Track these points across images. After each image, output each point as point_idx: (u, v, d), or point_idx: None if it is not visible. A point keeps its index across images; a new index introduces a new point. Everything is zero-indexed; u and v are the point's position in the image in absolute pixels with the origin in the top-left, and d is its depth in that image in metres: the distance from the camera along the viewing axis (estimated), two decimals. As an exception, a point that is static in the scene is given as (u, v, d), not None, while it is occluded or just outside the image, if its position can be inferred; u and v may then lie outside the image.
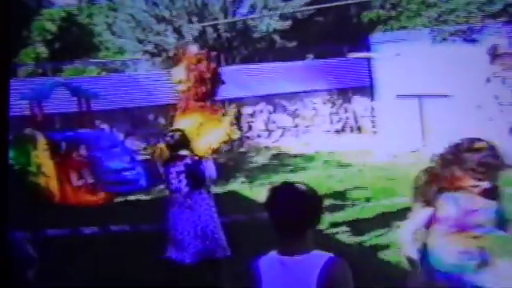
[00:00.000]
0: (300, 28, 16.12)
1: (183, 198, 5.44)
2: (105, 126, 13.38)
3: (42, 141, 10.21)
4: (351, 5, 15.84)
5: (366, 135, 15.47)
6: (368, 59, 15.01)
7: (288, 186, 2.54)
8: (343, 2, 11.47)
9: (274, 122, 15.33)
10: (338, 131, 15.78)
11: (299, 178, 7.15)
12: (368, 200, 9.15)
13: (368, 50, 14.78)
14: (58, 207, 9.48)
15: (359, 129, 15.94)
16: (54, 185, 9.86)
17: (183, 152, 5.52)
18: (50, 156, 9.98)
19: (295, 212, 2.45)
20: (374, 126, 15.46)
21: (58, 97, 11.86)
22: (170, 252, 5.47)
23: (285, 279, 2.47)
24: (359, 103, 15.90)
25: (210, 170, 5.51)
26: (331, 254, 2.47)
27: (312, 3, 15.95)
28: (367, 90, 15.42)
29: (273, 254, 2.54)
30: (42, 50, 19.56)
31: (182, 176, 5.43)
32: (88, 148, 10.14)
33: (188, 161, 5.47)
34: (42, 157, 10.14)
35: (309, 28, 16.37)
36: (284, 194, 2.51)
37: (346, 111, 15.97)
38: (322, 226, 2.55)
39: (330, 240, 6.79)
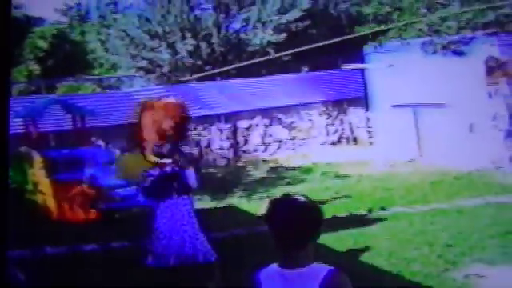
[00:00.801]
0: (294, 41, 16.15)
1: (164, 204, 5.55)
2: (100, 143, 13.34)
3: (37, 159, 10.18)
4: (345, 18, 15.92)
5: (362, 146, 15.49)
6: (362, 70, 15.07)
7: (288, 199, 2.52)
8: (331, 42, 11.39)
9: (271, 136, 15.32)
10: (334, 143, 15.79)
11: (297, 191, 7.14)
12: (368, 210, 9.13)
13: (362, 61, 14.84)
14: (56, 225, 9.43)
15: (355, 139, 15.96)
16: (50, 202, 9.83)
17: (165, 160, 5.59)
18: (46, 174, 9.95)
19: (295, 225, 2.43)
20: (370, 137, 15.49)
21: (53, 114, 11.84)
22: (147, 260, 5.60)
23: (286, 292, 2.46)
24: (355, 114, 15.93)
25: (191, 178, 5.58)
26: (331, 267, 2.46)
27: (305, 16, 16.03)
28: (362, 100, 15.46)
29: (273, 266, 2.53)
30: (35, 67, 19.50)
31: (159, 183, 5.53)
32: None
33: (167, 168, 5.56)
34: (38, 175, 10.12)
35: (303, 40, 16.41)
36: (284, 206, 2.49)
37: (341, 122, 15.99)
38: (320, 239, 2.52)
39: (329, 252, 6.77)
